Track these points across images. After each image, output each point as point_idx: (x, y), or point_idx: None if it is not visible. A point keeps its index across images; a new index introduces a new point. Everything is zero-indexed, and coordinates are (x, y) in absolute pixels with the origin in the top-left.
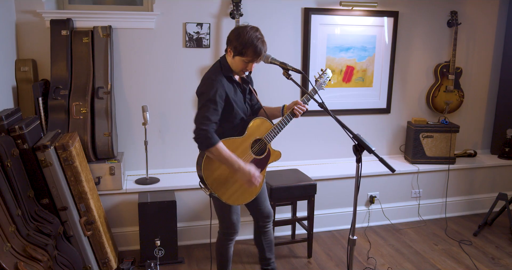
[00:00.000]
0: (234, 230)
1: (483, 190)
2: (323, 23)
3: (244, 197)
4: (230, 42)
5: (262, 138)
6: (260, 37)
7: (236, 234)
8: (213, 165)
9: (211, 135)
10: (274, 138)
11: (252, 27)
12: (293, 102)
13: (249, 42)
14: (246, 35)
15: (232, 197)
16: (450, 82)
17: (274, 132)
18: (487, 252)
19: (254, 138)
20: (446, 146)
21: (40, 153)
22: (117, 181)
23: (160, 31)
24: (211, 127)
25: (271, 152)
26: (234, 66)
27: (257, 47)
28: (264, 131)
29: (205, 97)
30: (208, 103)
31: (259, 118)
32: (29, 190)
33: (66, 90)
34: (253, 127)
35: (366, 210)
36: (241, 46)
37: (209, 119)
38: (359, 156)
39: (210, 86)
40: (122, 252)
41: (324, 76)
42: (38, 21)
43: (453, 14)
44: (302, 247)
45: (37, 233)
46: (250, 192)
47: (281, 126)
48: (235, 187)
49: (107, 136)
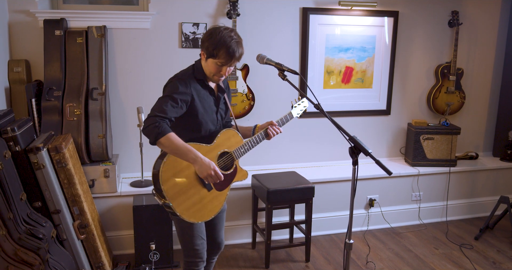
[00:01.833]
0: (197, 258)
1: (485, 193)
2: (321, 23)
3: (203, 214)
4: (202, 43)
5: (231, 152)
6: (235, 38)
7: (202, 264)
8: (174, 168)
9: (159, 124)
10: (242, 155)
11: (226, 27)
12: (267, 122)
13: (221, 42)
14: (218, 35)
15: (189, 210)
16: (451, 83)
17: (244, 148)
18: (489, 256)
19: (222, 150)
20: (447, 148)
21: (32, 155)
22: (112, 183)
23: (155, 31)
24: (160, 118)
25: (237, 170)
26: (207, 70)
27: (230, 47)
28: (234, 144)
29: (166, 92)
30: (167, 99)
31: (231, 130)
32: (21, 193)
33: (60, 91)
34: (223, 137)
35: (365, 213)
36: (212, 47)
37: (162, 111)
38: (356, 159)
39: (176, 85)
40: (116, 256)
41: (301, 104)
42: (31, 21)
43: (454, 14)
44: (300, 251)
45: (29, 236)
46: (210, 209)
47: (252, 144)
48: (195, 200)
49: (101, 138)
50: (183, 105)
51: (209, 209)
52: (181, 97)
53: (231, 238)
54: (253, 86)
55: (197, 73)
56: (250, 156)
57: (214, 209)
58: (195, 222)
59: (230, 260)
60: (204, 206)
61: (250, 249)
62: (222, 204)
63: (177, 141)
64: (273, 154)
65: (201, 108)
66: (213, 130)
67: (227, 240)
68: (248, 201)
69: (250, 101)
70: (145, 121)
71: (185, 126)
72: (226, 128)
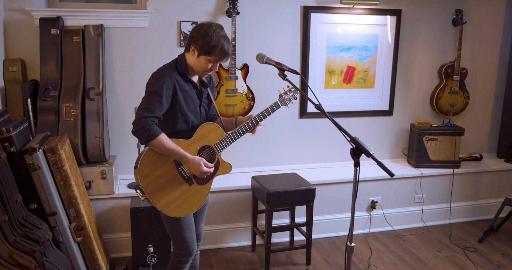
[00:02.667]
0: (187, 250)
1: (489, 195)
2: (323, 21)
3: (185, 208)
4: (194, 41)
5: (212, 145)
6: (227, 37)
7: (190, 257)
8: (152, 164)
9: (149, 127)
10: (225, 148)
11: (217, 25)
12: (247, 116)
13: (217, 41)
14: (213, 34)
15: (169, 206)
16: (455, 83)
17: (226, 141)
18: (493, 259)
19: (202, 144)
20: (450, 149)
21: (28, 156)
22: (109, 185)
23: (153, 30)
24: (150, 119)
25: (220, 163)
26: (197, 66)
27: (224, 46)
28: (214, 138)
29: (150, 88)
30: (152, 95)
31: (211, 124)
32: (17, 194)
33: (56, 91)
34: (202, 131)
35: (367, 215)
36: (208, 46)
37: (150, 110)
38: (357, 160)
39: (158, 78)
40: (113, 259)
41: (289, 93)
42: (27, 20)
43: (458, 12)
44: (300, 254)
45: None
46: (192, 203)
47: (234, 137)
48: (175, 195)
49: (98, 139)
50: (168, 98)
51: (191, 203)
52: (165, 90)
53: (230, 240)
54: (253, 86)
55: (179, 67)
56: (250, 156)
57: (197, 202)
58: (178, 216)
59: (229, 263)
60: (185, 200)
61: (249, 252)
62: (205, 198)
63: (167, 143)
64: (273, 155)
65: (183, 101)
66: (196, 123)
67: (226, 243)
68: (247, 203)
69: (250, 101)
70: (135, 123)
71: (167, 119)
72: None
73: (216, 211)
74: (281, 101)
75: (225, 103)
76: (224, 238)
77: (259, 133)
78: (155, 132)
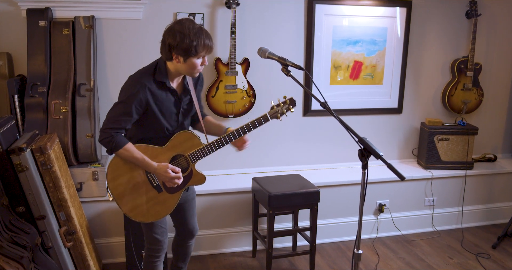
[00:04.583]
0: (157, 246)
1: (503, 198)
2: (328, 13)
3: (150, 214)
4: (174, 48)
5: (186, 155)
6: (201, 27)
7: (162, 252)
8: (121, 168)
9: (113, 138)
10: (199, 159)
11: (186, 20)
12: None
13: (198, 38)
14: (190, 32)
15: (134, 211)
16: (468, 79)
17: (201, 152)
18: (507, 266)
19: (175, 153)
20: (463, 149)
21: (15, 156)
22: (101, 187)
23: (148, 21)
24: (114, 131)
25: (193, 174)
26: (188, 69)
27: (205, 40)
28: (189, 148)
29: (121, 96)
30: (121, 105)
31: (187, 132)
32: (3, 197)
33: (45, 87)
34: (177, 139)
35: (374, 219)
36: (192, 46)
37: (116, 122)
38: (365, 162)
39: (131, 86)
40: (106, 265)
41: (283, 105)
42: (14, 11)
43: (472, 4)
44: (304, 260)
45: (11, 244)
46: (158, 210)
47: (211, 149)
48: (141, 201)
49: (89, 138)
50: (139, 109)
51: (157, 210)
52: (136, 102)
53: (230, 245)
54: (254, 82)
55: (158, 75)
56: (251, 156)
57: (165, 210)
58: (142, 221)
59: (229, 269)
60: (151, 207)
61: (250, 257)
62: (173, 207)
63: (131, 153)
64: (275, 155)
65: (158, 111)
66: (171, 130)
67: (226, 248)
68: (248, 206)
69: (250, 98)
70: (100, 133)
71: (141, 124)
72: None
73: (215, 214)
74: (271, 114)
75: (224, 100)
76: (223, 243)
77: (260, 132)
78: (119, 144)
